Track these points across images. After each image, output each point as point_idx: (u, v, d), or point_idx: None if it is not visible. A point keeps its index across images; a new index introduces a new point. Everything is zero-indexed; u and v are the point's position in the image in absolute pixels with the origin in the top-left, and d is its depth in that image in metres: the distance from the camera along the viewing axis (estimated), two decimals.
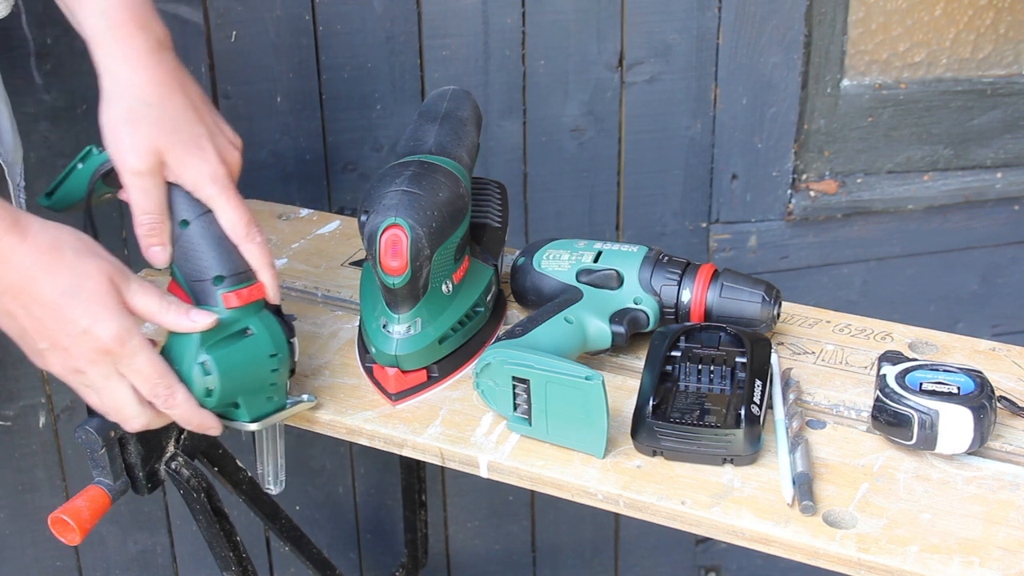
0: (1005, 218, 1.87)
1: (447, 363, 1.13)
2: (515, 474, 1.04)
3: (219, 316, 1.02)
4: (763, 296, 1.14)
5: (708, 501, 0.97)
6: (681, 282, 1.15)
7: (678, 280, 1.15)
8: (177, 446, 1.29)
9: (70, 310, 0.97)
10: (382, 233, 1.05)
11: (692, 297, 1.14)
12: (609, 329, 1.13)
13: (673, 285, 1.15)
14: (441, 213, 1.08)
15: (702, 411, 1.04)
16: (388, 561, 1.96)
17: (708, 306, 1.14)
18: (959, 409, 0.98)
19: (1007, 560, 0.90)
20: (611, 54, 1.68)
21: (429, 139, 1.17)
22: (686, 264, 1.16)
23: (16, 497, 1.75)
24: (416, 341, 1.10)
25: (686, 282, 1.15)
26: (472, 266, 1.17)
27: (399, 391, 1.11)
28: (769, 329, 1.16)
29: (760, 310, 1.14)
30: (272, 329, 1.05)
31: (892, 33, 1.75)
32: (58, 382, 1.70)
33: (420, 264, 1.06)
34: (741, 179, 1.78)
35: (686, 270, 1.15)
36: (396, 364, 1.10)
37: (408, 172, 1.09)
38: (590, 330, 1.12)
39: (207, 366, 1.01)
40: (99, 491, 1.23)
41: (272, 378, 1.06)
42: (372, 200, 1.09)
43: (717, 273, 1.16)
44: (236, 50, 1.58)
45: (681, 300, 1.15)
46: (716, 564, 2.06)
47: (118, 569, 1.85)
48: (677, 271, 1.15)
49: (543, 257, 1.20)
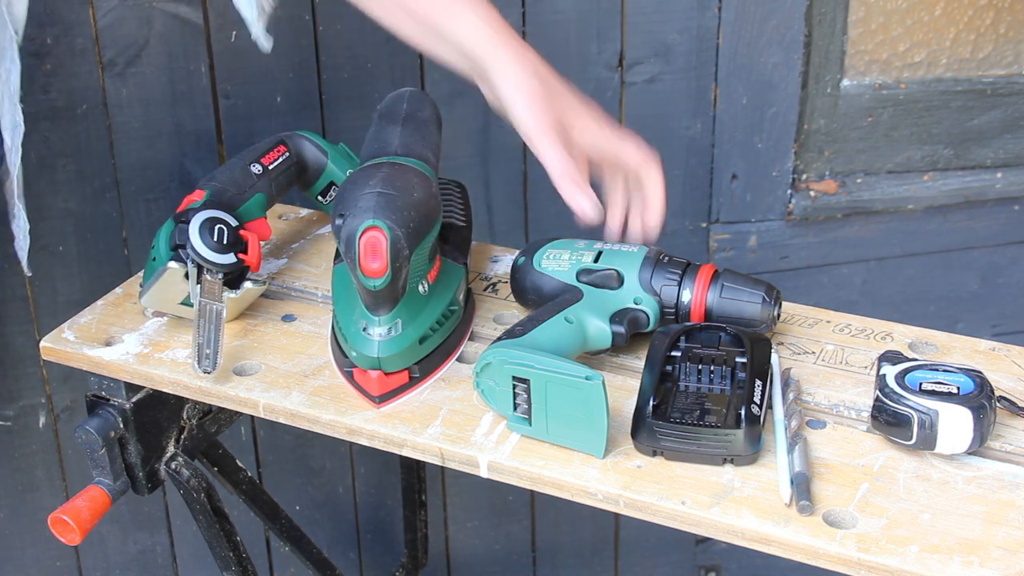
0: (1005, 218, 1.87)
1: (427, 363, 1.13)
2: (515, 474, 1.04)
3: None
4: (763, 296, 1.14)
5: (708, 501, 0.97)
6: (681, 282, 1.15)
7: (678, 280, 1.15)
8: (177, 446, 1.29)
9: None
10: (361, 235, 1.05)
11: (692, 298, 1.14)
12: (609, 329, 1.12)
13: (673, 285, 1.15)
14: (418, 213, 1.08)
15: (702, 411, 1.04)
16: (388, 561, 1.96)
17: (708, 306, 1.14)
18: (959, 409, 0.98)
19: (1007, 560, 0.90)
20: (611, 54, 1.68)
21: (394, 140, 1.17)
22: (686, 264, 1.16)
23: (16, 497, 1.75)
24: (398, 342, 1.10)
25: (686, 282, 1.15)
26: (444, 265, 1.17)
27: (382, 393, 1.11)
28: (769, 329, 1.16)
29: (760, 311, 1.14)
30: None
31: (892, 33, 1.75)
32: (58, 382, 1.71)
33: (400, 265, 1.06)
34: (741, 179, 1.78)
35: (686, 270, 1.15)
36: (379, 366, 1.10)
37: (380, 174, 1.09)
38: (590, 330, 1.12)
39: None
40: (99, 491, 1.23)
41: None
42: (346, 203, 1.08)
43: (717, 273, 1.15)
44: (236, 50, 1.58)
45: (681, 300, 1.15)
46: (716, 564, 2.06)
47: (118, 569, 1.85)
48: (677, 271, 1.15)
49: (543, 257, 1.20)
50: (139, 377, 1.19)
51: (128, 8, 1.53)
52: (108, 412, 1.22)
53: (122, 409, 1.22)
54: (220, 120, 1.61)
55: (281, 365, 1.17)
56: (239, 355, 1.19)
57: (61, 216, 1.60)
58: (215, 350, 1.15)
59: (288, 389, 1.14)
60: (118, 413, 1.22)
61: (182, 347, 1.20)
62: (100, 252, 1.62)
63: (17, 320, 1.64)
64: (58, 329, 1.24)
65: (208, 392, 1.16)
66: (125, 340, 1.22)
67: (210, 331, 1.15)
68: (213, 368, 1.14)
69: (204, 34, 1.57)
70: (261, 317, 1.25)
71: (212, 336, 1.15)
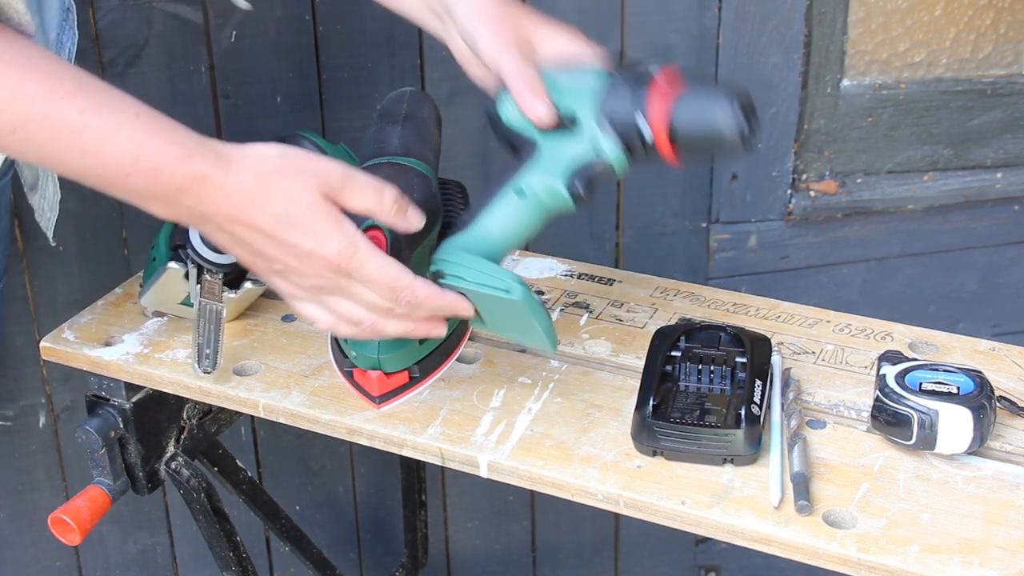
0: (1005, 218, 1.87)
1: (427, 363, 1.13)
2: (515, 474, 1.04)
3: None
4: (732, 107, 0.99)
5: (708, 501, 0.98)
6: (634, 103, 1.02)
7: (631, 104, 1.02)
8: (177, 446, 1.29)
9: (290, 235, 0.96)
10: None
11: (651, 122, 1.01)
12: (566, 191, 1.03)
13: (628, 112, 1.02)
14: None
15: (702, 411, 1.04)
16: (388, 561, 1.96)
17: (674, 128, 1.00)
18: (958, 409, 0.98)
19: (1007, 560, 0.90)
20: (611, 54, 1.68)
21: (394, 140, 1.17)
22: (640, 75, 1.03)
23: (16, 497, 1.75)
24: (398, 342, 1.10)
25: (639, 100, 1.02)
26: None
27: (383, 393, 1.11)
28: (749, 147, 1.00)
29: (734, 124, 0.99)
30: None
31: (892, 33, 1.75)
32: (58, 382, 1.71)
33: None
34: (741, 179, 1.78)
35: (638, 83, 1.03)
36: (379, 366, 1.10)
37: (380, 174, 1.09)
38: (545, 197, 1.04)
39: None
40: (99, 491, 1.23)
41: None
42: None
43: (679, 85, 1.02)
44: (236, 50, 1.58)
45: (643, 134, 1.01)
46: (716, 564, 2.06)
47: (118, 569, 1.85)
48: (628, 89, 1.03)
49: (508, 102, 1.09)
50: (139, 377, 1.19)
51: (128, 8, 1.53)
52: (108, 412, 1.22)
53: (122, 409, 1.22)
54: (220, 120, 1.61)
55: (281, 365, 1.17)
56: (239, 355, 1.19)
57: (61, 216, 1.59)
58: (215, 350, 1.15)
59: (288, 389, 1.14)
60: (118, 413, 1.22)
61: (182, 347, 1.20)
62: (100, 252, 1.62)
63: (17, 320, 1.64)
64: (58, 329, 1.24)
65: (208, 392, 1.16)
66: (125, 340, 1.22)
67: (210, 331, 1.15)
68: (213, 368, 1.15)
69: (204, 34, 1.57)
70: (261, 317, 1.25)
71: (212, 336, 1.15)
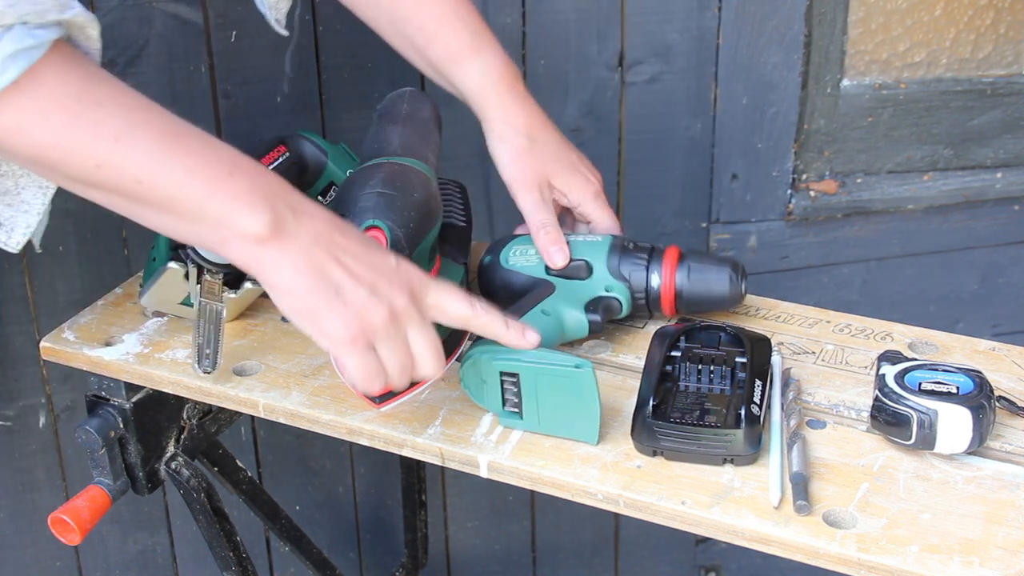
0: (1005, 218, 1.87)
1: None
2: (515, 474, 1.04)
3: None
4: (731, 275, 1.17)
5: (708, 501, 0.97)
6: (649, 267, 1.18)
7: (646, 265, 1.18)
8: (177, 446, 1.29)
9: (376, 248, 0.98)
10: None
11: (662, 282, 1.17)
12: (585, 318, 1.15)
13: (641, 270, 1.18)
14: (418, 213, 1.08)
15: (702, 411, 1.04)
16: (388, 561, 1.96)
17: (678, 289, 1.17)
18: (958, 409, 0.98)
19: (1007, 560, 0.90)
20: (611, 54, 1.68)
21: (394, 140, 1.17)
22: (651, 249, 1.19)
23: (16, 497, 1.75)
24: None
25: (654, 266, 1.18)
26: (443, 265, 1.18)
27: (382, 393, 1.11)
28: (737, 304, 1.19)
29: (729, 289, 1.17)
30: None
31: (892, 33, 1.75)
32: (58, 382, 1.71)
33: None
34: (741, 179, 1.78)
35: (652, 254, 1.18)
36: None
37: (381, 174, 1.09)
38: (567, 320, 1.14)
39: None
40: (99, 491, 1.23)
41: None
42: (347, 203, 1.08)
43: (683, 255, 1.19)
44: (236, 50, 1.58)
45: (651, 285, 1.17)
46: (716, 564, 2.06)
47: (118, 569, 1.85)
48: (644, 256, 1.18)
49: (510, 253, 1.21)
50: (139, 377, 1.19)
51: (128, 8, 1.53)
52: (108, 412, 1.22)
53: (122, 409, 1.22)
54: (220, 120, 1.61)
55: (281, 365, 1.17)
56: (239, 355, 1.19)
57: (61, 216, 1.59)
58: (215, 350, 1.15)
59: (288, 389, 1.14)
60: (118, 413, 1.22)
61: (182, 347, 1.20)
62: (100, 252, 1.62)
63: (17, 320, 1.64)
64: (58, 329, 1.24)
65: (208, 392, 1.16)
66: (125, 340, 1.22)
67: (210, 331, 1.15)
68: (213, 368, 1.14)
69: (204, 34, 1.57)
70: (261, 317, 1.25)
71: (212, 336, 1.15)
